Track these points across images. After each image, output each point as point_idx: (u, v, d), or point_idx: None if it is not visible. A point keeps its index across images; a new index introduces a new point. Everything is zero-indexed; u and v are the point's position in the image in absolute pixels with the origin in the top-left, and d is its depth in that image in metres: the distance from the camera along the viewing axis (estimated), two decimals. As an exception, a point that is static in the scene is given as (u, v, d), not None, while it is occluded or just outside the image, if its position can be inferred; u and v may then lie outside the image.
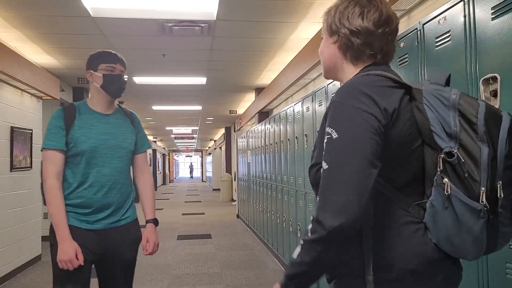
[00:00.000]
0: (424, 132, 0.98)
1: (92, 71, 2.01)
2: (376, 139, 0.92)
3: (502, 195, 0.90)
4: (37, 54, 5.08)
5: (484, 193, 0.89)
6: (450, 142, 0.94)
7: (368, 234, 0.98)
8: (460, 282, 1.06)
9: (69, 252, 1.81)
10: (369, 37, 1.04)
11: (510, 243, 1.41)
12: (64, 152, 1.89)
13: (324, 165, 0.94)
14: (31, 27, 4.17)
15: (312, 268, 0.97)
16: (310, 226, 0.95)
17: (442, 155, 0.94)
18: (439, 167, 0.95)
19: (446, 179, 0.94)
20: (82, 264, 1.82)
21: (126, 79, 2.04)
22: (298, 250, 0.98)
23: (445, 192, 0.93)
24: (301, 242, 0.97)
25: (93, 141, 1.91)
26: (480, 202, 0.90)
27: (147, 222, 2.10)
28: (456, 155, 0.93)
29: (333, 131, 0.94)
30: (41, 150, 1.92)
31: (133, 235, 2.05)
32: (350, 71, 1.09)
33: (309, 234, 0.94)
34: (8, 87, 4.67)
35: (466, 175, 0.91)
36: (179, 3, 3.70)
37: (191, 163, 41.69)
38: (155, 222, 2.13)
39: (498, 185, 0.90)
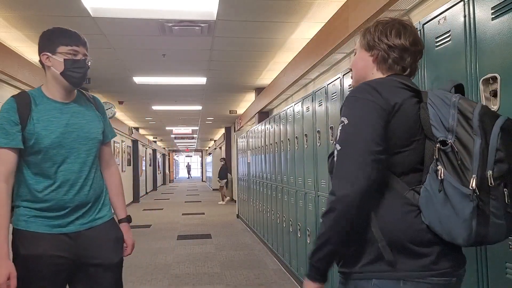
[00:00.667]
0: (425, 126, 1.11)
1: (49, 54, 1.72)
2: (380, 122, 1.09)
3: (492, 183, 0.99)
4: (37, 54, 5.08)
5: (474, 180, 0.99)
6: (448, 134, 1.05)
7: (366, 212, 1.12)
8: (459, 270, 1.12)
9: (1, 275, 1.52)
10: (403, 53, 1.21)
11: (510, 243, 1.41)
12: (19, 150, 1.63)
13: (338, 147, 1.11)
14: (31, 27, 4.17)
15: (330, 237, 1.09)
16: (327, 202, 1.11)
17: (437, 144, 1.06)
18: (435, 156, 1.06)
19: (440, 166, 1.04)
20: None
21: (89, 64, 1.76)
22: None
23: (438, 177, 1.04)
24: (321, 220, 1.11)
25: (56, 135, 1.65)
26: (470, 187, 0.99)
27: (120, 221, 1.90)
28: (450, 144, 1.04)
29: (345, 118, 1.12)
30: None
31: (115, 234, 1.84)
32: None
33: (324, 208, 1.10)
34: (8, 87, 4.67)
35: (459, 162, 1.01)
36: (179, 3, 3.70)
37: (188, 163, 41.84)
38: (129, 220, 1.93)
39: (489, 174, 0.99)
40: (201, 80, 6.88)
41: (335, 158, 1.11)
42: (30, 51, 4.95)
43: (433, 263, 1.07)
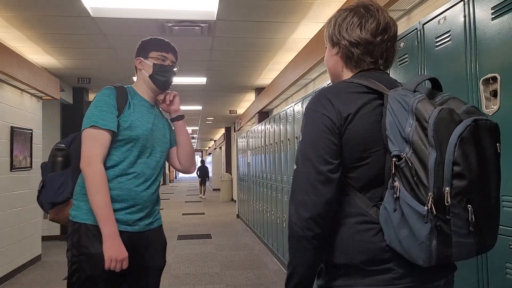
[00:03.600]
0: (384, 136, 1.00)
1: (142, 59, 1.85)
2: (331, 138, 1.02)
3: (449, 202, 0.89)
4: (37, 54, 5.08)
5: (431, 198, 0.89)
6: (406, 146, 0.94)
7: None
8: (431, 283, 1.03)
9: (123, 250, 1.58)
10: (368, 46, 1.10)
11: (510, 243, 1.41)
12: (114, 135, 1.67)
13: (295, 166, 1.06)
14: (31, 27, 4.17)
15: (297, 266, 1.04)
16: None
17: (394, 159, 0.96)
18: (392, 171, 0.96)
19: (397, 183, 0.95)
20: (126, 267, 1.61)
21: (176, 70, 1.89)
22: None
23: (394, 195, 0.95)
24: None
25: (147, 128, 1.75)
26: (426, 206, 0.89)
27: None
28: (404, 158, 0.93)
29: (300, 134, 1.07)
30: (85, 128, 1.65)
31: (164, 238, 1.90)
32: (347, 77, 1.15)
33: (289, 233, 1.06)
34: (8, 87, 4.67)
35: (415, 178, 0.92)
36: (179, 3, 3.70)
37: None
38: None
39: (446, 192, 0.88)
40: (201, 80, 6.88)
41: (292, 178, 1.06)
42: (30, 51, 4.95)
43: (394, 278, 1.00)
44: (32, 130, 5.23)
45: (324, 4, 3.68)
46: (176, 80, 7.16)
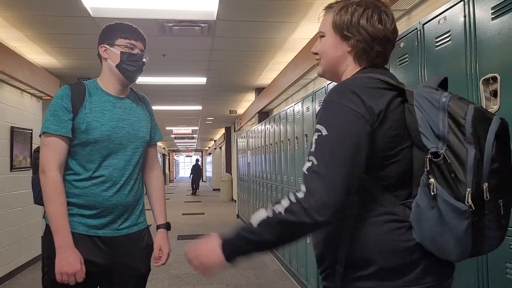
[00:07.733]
0: (413, 133, 0.99)
1: (107, 46, 1.66)
2: (363, 137, 0.96)
3: (488, 197, 0.90)
4: (37, 54, 5.07)
5: (469, 194, 0.89)
6: (438, 143, 0.94)
7: (347, 229, 1.02)
8: (446, 281, 1.05)
9: (74, 263, 1.48)
10: (387, 44, 1.09)
11: (510, 243, 1.41)
12: (69, 140, 1.58)
13: (314, 160, 0.96)
14: (31, 27, 4.16)
15: (274, 243, 1.03)
16: (286, 204, 0.97)
17: (428, 156, 0.95)
18: (426, 168, 0.95)
19: (432, 180, 0.94)
20: (81, 280, 1.51)
21: (145, 60, 1.73)
22: (263, 216, 1.01)
23: (431, 192, 0.94)
24: (270, 214, 1.00)
25: (107, 128, 1.61)
26: (466, 203, 0.89)
27: (158, 227, 1.80)
28: (442, 155, 0.93)
29: (323, 128, 0.98)
30: (40, 135, 1.61)
31: (147, 242, 1.76)
32: (351, 72, 1.11)
33: (283, 213, 0.97)
34: (8, 87, 4.68)
35: (452, 175, 0.92)
36: (179, 3, 3.70)
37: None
38: (168, 227, 1.82)
39: (484, 187, 0.90)
40: (201, 80, 6.88)
41: (306, 173, 0.97)
42: (30, 51, 4.95)
43: (417, 278, 1.00)
44: (32, 130, 5.23)
45: (324, 4, 3.67)
46: (176, 80, 7.11)
